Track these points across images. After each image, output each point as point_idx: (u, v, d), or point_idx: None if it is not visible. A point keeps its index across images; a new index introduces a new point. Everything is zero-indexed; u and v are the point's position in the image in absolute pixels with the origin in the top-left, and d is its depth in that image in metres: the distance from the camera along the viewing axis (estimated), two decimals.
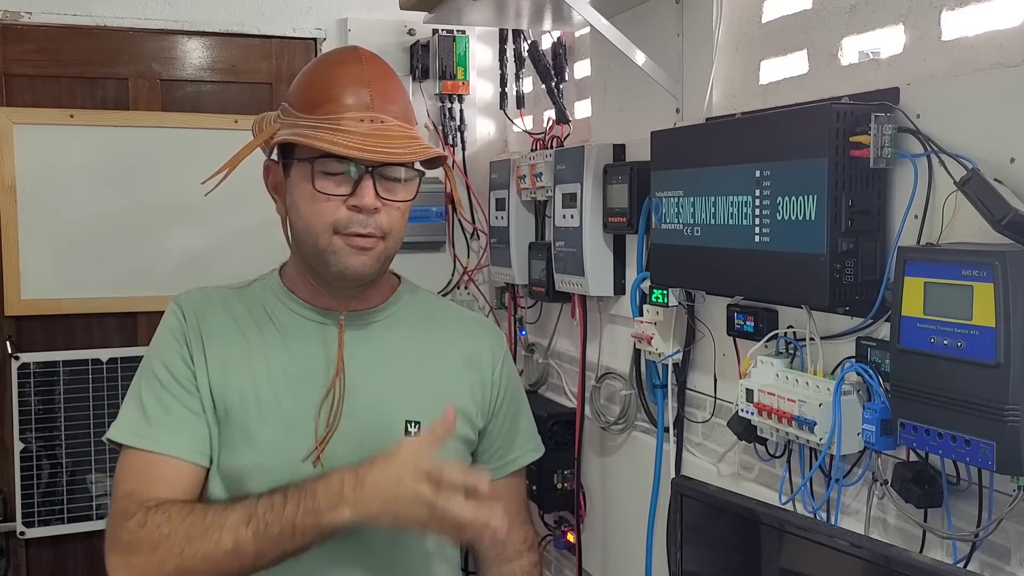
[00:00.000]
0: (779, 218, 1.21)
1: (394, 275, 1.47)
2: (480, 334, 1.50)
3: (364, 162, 1.25)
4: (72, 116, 2.26)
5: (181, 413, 1.30)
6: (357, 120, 1.25)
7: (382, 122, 1.26)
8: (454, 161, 2.51)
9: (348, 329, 1.36)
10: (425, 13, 1.86)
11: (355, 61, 1.31)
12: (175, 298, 1.39)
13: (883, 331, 1.16)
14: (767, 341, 1.33)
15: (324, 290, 1.36)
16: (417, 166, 1.35)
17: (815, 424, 1.17)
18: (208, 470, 1.31)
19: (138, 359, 1.37)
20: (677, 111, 1.61)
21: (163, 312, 1.38)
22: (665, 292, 1.56)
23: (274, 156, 1.36)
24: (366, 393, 1.34)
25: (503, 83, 2.39)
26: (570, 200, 1.83)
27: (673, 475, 1.60)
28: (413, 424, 1.35)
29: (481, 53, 2.56)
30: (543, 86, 2.11)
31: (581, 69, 2.08)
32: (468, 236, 2.56)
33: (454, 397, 1.39)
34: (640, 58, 1.57)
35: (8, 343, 2.22)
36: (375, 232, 1.28)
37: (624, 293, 1.79)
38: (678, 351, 1.58)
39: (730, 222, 1.30)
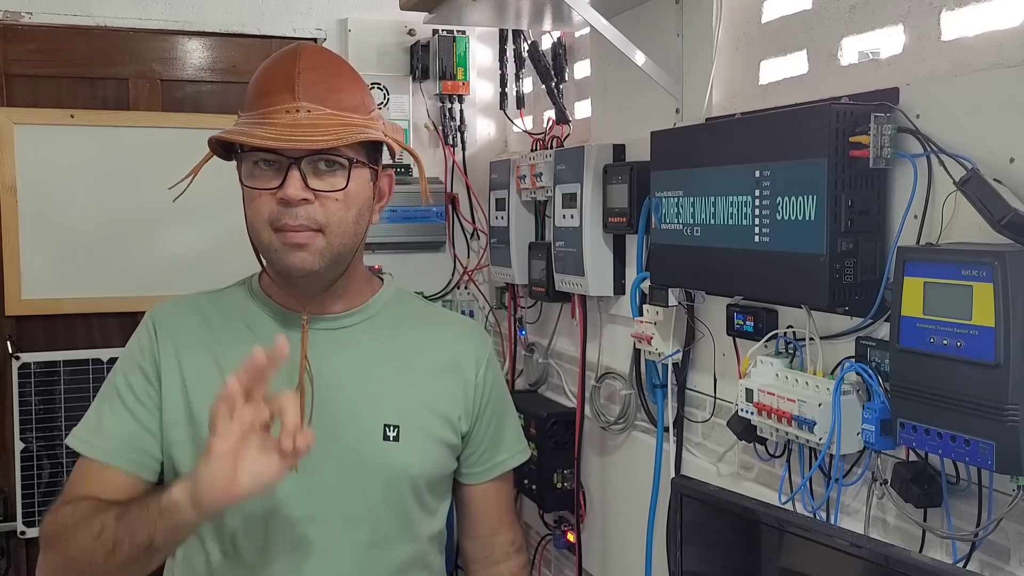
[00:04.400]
0: (779, 218, 1.21)
1: (378, 277, 1.43)
2: (463, 337, 1.45)
3: (282, 152, 1.20)
4: (72, 116, 2.26)
5: (132, 427, 1.28)
6: (283, 111, 1.21)
7: (308, 111, 1.21)
8: (454, 159, 2.52)
9: (323, 333, 1.31)
10: (425, 13, 1.86)
11: (290, 56, 1.26)
12: (150, 311, 1.36)
13: (883, 331, 1.16)
14: (767, 341, 1.33)
15: (290, 292, 1.32)
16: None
17: (815, 424, 1.17)
18: (157, 482, 1.29)
19: None
20: (677, 111, 1.61)
21: None
22: (665, 292, 1.56)
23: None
24: (344, 399, 1.30)
25: (503, 83, 2.39)
26: (570, 200, 1.83)
27: (673, 475, 1.60)
28: (392, 428, 1.31)
29: (481, 53, 2.56)
30: (543, 86, 2.11)
31: (581, 69, 2.08)
32: (468, 236, 2.56)
33: (435, 401, 1.36)
34: (640, 58, 1.57)
35: (8, 343, 2.23)
36: (307, 224, 1.21)
37: (624, 293, 1.79)
38: (678, 351, 1.58)
39: (730, 222, 1.30)
